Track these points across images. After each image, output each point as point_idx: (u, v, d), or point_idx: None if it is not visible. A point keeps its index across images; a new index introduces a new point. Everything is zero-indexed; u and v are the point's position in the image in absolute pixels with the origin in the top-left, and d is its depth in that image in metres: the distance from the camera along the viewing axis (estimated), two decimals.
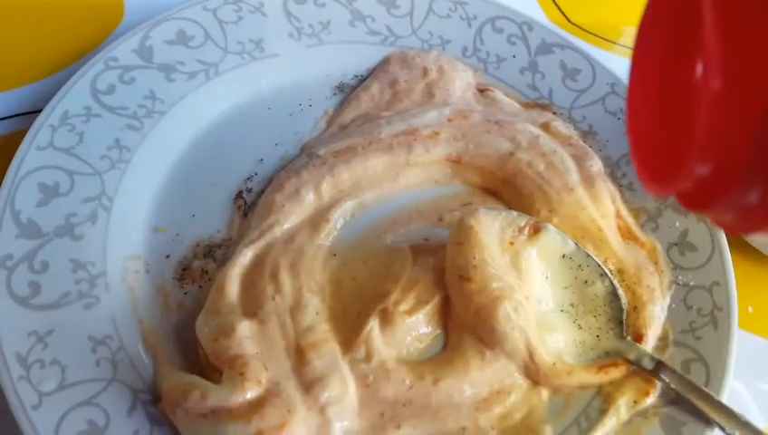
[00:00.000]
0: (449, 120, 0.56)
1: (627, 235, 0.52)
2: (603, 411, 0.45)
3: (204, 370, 0.45)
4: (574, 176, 0.54)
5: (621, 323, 0.47)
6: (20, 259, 0.46)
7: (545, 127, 0.57)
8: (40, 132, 0.51)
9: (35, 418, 0.40)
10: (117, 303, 0.46)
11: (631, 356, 0.46)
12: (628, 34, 0.70)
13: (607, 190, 0.53)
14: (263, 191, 0.54)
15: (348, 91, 0.60)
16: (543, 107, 0.59)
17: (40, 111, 0.52)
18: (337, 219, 0.52)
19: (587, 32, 0.70)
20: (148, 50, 0.57)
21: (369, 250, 0.52)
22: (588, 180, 0.53)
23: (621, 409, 0.45)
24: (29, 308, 0.44)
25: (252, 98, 0.58)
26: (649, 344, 0.47)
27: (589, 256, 0.49)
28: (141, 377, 0.44)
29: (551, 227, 0.49)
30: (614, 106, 0.58)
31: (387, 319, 0.47)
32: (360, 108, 0.59)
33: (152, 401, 0.43)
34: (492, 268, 0.47)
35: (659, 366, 0.45)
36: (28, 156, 0.50)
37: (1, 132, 0.57)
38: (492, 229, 0.48)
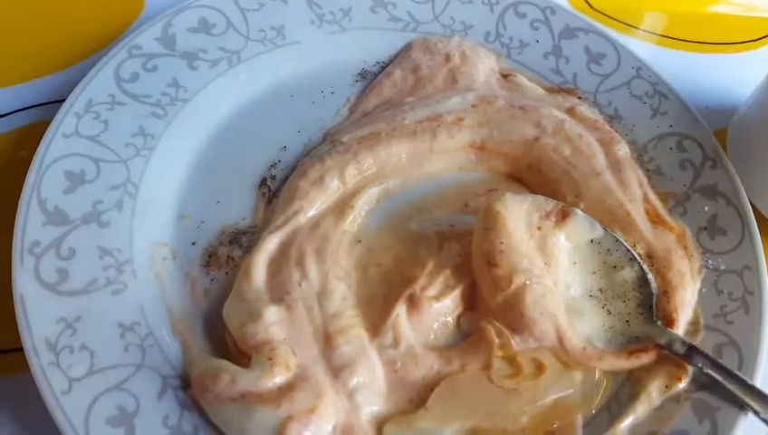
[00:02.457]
0: (473, 105, 0.56)
1: (655, 219, 0.51)
2: (634, 396, 0.44)
3: (232, 355, 0.45)
4: (601, 160, 0.53)
5: (651, 307, 0.47)
6: (47, 246, 0.46)
7: (570, 111, 0.56)
8: (65, 120, 0.51)
9: (66, 403, 0.40)
10: (144, 289, 0.46)
11: (662, 341, 0.45)
12: (650, 19, 0.69)
13: (634, 175, 0.53)
14: (287, 178, 0.54)
15: (370, 78, 0.60)
16: (568, 92, 0.59)
17: (63, 100, 0.52)
18: (362, 206, 0.52)
19: (609, 17, 0.69)
20: (171, 38, 0.57)
21: (395, 236, 0.51)
22: (614, 165, 0.53)
23: (653, 394, 0.44)
24: (57, 294, 0.44)
25: (274, 85, 0.58)
26: (680, 329, 0.47)
27: (617, 240, 0.48)
28: (170, 362, 0.44)
29: (578, 211, 0.48)
30: (639, 90, 0.58)
31: (414, 304, 0.47)
32: (383, 94, 0.58)
33: (182, 386, 0.43)
34: (519, 253, 0.47)
35: (691, 350, 0.44)
36: (54, 144, 0.50)
37: (25, 122, 0.57)
38: (519, 214, 0.48)
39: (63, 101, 0.52)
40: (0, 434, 0.44)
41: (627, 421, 0.43)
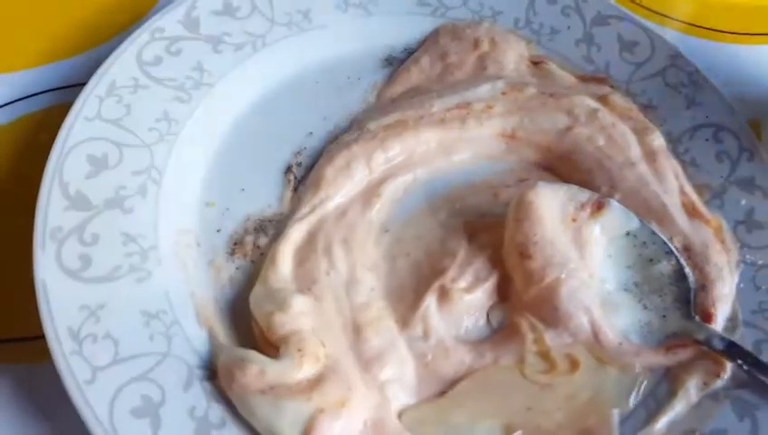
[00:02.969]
0: (503, 93, 0.54)
1: (692, 212, 0.50)
2: (672, 394, 0.43)
3: (259, 345, 0.44)
4: (635, 150, 0.52)
5: (689, 302, 0.45)
6: (69, 231, 0.45)
7: (603, 100, 0.55)
8: (87, 103, 0.50)
9: (89, 393, 0.39)
10: (169, 277, 0.45)
11: (700, 337, 0.44)
12: (682, 8, 0.67)
13: (670, 166, 0.51)
14: (312, 165, 0.52)
15: (396, 65, 0.59)
16: (600, 80, 0.57)
17: (84, 84, 0.51)
18: (389, 195, 0.51)
19: (639, 5, 0.67)
20: (195, 21, 0.55)
21: (423, 227, 0.50)
22: (650, 155, 0.51)
23: (691, 391, 0.43)
24: (80, 281, 0.43)
25: (299, 71, 0.57)
26: (718, 325, 0.45)
27: (654, 232, 0.47)
28: (197, 352, 0.43)
29: (614, 202, 0.47)
30: (674, 79, 0.56)
31: (444, 296, 0.46)
32: (410, 81, 0.57)
33: (209, 376, 0.42)
34: (553, 245, 0.45)
35: (730, 347, 0.43)
36: (75, 127, 0.49)
37: (45, 105, 0.56)
38: (553, 205, 0.47)
39: (85, 84, 0.51)
40: (22, 424, 0.43)
41: (664, 419, 0.42)
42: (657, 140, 0.52)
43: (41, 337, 0.41)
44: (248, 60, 0.55)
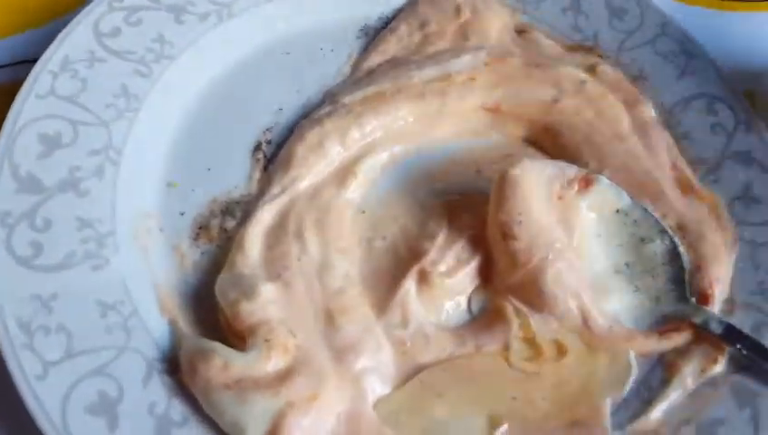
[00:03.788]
0: (486, 64, 0.51)
1: (685, 188, 0.47)
2: (667, 381, 0.41)
3: (226, 336, 0.41)
4: (625, 123, 0.49)
5: (683, 283, 0.43)
6: (20, 216, 0.42)
7: (592, 71, 0.52)
8: (39, 79, 0.46)
9: (40, 389, 0.37)
10: (128, 264, 0.42)
11: (697, 320, 0.41)
12: None
13: (662, 139, 0.49)
14: (283, 143, 0.49)
15: (373, 35, 0.55)
16: (589, 50, 0.54)
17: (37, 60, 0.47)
18: (365, 173, 0.48)
19: None
20: None
21: (401, 207, 0.47)
22: (641, 128, 0.49)
23: (687, 378, 0.40)
24: (31, 269, 0.40)
25: (269, 42, 0.53)
26: (716, 307, 0.43)
27: (646, 210, 0.44)
28: (157, 345, 0.40)
29: (603, 178, 0.44)
30: (665, 48, 0.53)
31: (424, 280, 0.43)
32: (387, 52, 0.54)
33: (170, 370, 0.39)
34: (539, 225, 0.43)
35: (729, 330, 0.41)
36: (27, 105, 0.45)
37: None
38: (538, 181, 0.44)
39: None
40: None
41: (659, 408, 0.40)
42: (648, 113, 0.50)
43: None
44: (213, 31, 0.52)
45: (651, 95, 0.51)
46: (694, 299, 0.43)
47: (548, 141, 0.50)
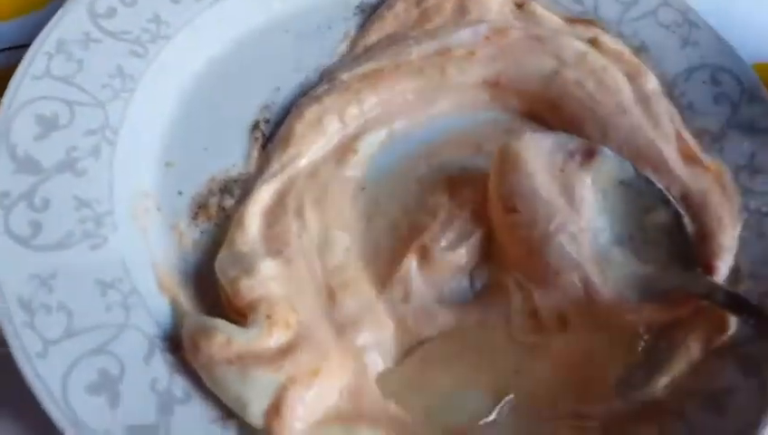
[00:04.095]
0: (486, 38, 0.50)
1: (689, 158, 0.46)
2: (672, 352, 0.40)
3: (226, 313, 0.40)
4: (628, 95, 0.48)
5: (688, 254, 0.42)
6: (18, 197, 0.41)
7: (593, 42, 0.51)
8: (35, 60, 0.46)
9: (41, 367, 0.36)
10: (126, 243, 0.42)
11: (702, 290, 0.41)
12: None
13: (665, 110, 0.48)
14: (281, 121, 0.49)
15: (369, 11, 0.54)
16: (589, 22, 0.53)
17: None
18: (365, 150, 0.47)
19: None
20: None
21: (401, 183, 0.47)
22: (643, 100, 0.48)
23: (692, 349, 0.40)
24: (30, 249, 0.40)
25: (265, 20, 0.53)
26: (721, 278, 0.42)
27: (649, 180, 0.44)
28: (157, 322, 0.40)
29: (606, 150, 0.44)
30: (667, 18, 0.52)
31: (425, 256, 0.43)
32: (385, 29, 0.53)
33: (171, 347, 0.39)
34: (541, 198, 0.42)
35: (735, 300, 0.40)
36: (23, 86, 0.45)
37: None
38: (539, 155, 0.43)
39: None
40: None
41: (664, 379, 0.39)
42: (651, 84, 0.49)
43: None
44: (209, 10, 0.51)
45: (653, 66, 0.50)
46: (699, 270, 0.42)
47: (549, 115, 0.49)
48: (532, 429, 0.38)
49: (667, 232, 0.43)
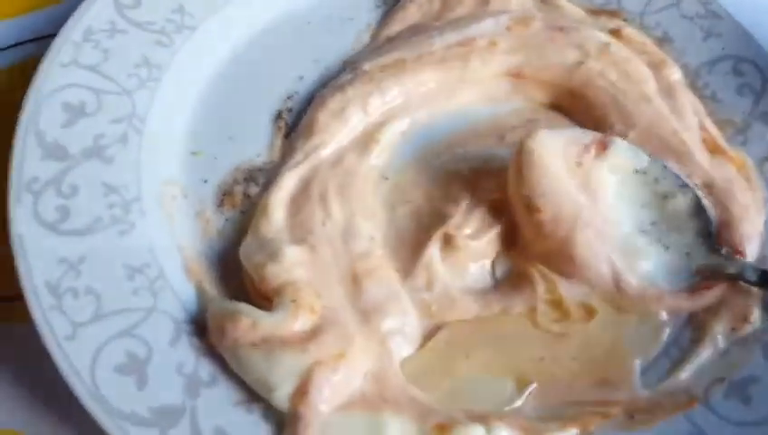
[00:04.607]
0: (508, 28, 0.51)
1: (713, 149, 0.46)
2: (697, 341, 0.40)
3: (251, 299, 0.41)
4: (651, 85, 0.48)
5: (711, 235, 0.42)
6: (47, 183, 0.42)
7: (616, 33, 0.51)
8: (62, 49, 0.46)
9: (70, 350, 0.37)
10: (153, 229, 0.42)
11: (731, 270, 0.41)
12: None
13: (688, 101, 0.48)
14: (304, 111, 0.49)
15: (392, 3, 0.55)
16: (612, 14, 0.53)
17: None
18: (387, 140, 0.48)
19: None
20: None
21: (424, 173, 0.47)
22: (667, 90, 0.48)
23: (718, 337, 0.40)
24: (58, 234, 0.40)
25: (288, 12, 0.53)
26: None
27: (665, 167, 0.44)
28: (184, 307, 0.40)
29: (619, 140, 0.44)
30: (690, 10, 0.52)
31: (449, 244, 0.43)
32: (407, 20, 0.53)
33: (197, 331, 0.39)
34: (562, 195, 0.42)
35: (765, 277, 0.40)
36: (51, 74, 0.46)
37: (24, 56, 0.53)
38: (556, 151, 0.43)
39: None
40: (3, 386, 0.41)
41: (689, 367, 0.39)
42: (675, 75, 0.49)
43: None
44: (233, 1, 0.51)
45: (676, 58, 0.51)
46: (726, 249, 0.42)
47: (572, 105, 0.49)
48: (556, 414, 0.38)
49: (688, 216, 0.43)
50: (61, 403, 0.39)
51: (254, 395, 0.37)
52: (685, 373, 0.39)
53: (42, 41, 0.53)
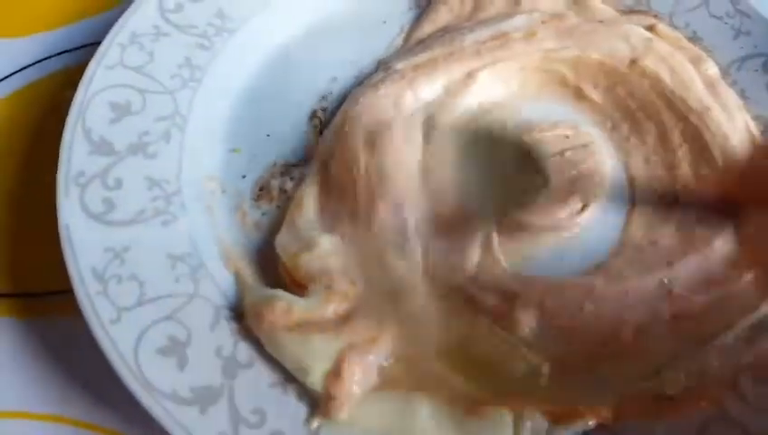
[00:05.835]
0: (543, 22, 0.51)
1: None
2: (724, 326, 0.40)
3: (287, 287, 0.42)
4: (697, 81, 0.48)
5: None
6: (93, 176, 0.44)
7: (651, 30, 0.51)
8: (109, 51, 0.49)
9: (114, 332, 0.38)
10: (194, 221, 0.44)
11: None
12: None
13: (732, 96, 0.48)
14: (337, 109, 0.50)
15: (424, 6, 0.56)
16: (644, 13, 0.54)
17: None
18: (420, 135, 0.48)
19: None
20: None
21: (459, 168, 0.47)
22: (709, 85, 0.48)
23: (744, 323, 0.40)
24: (104, 224, 0.42)
25: (323, 15, 0.55)
26: None
27: None
28: (223, 293, 0.41)
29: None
30: (719, 9, 0.53)
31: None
32: (438, 21, 0.54)
33: (235, 316, 0.40)
34: None
35: None
36: (97, 74, 0.48)
37: (72, 63, 0.55)
38: None
39: None
40: (50, 377, 0.43)
41: (716, 353, 0.39)
42: (712, 69, 0.49)
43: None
44: (271, 4, 0.53)
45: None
46: None
47: (615, 99, 0.50)
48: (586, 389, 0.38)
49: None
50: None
51: (289, 377, 0.38)
52: (712, 359, 0.39)
53: (88, 48, 0.56)
